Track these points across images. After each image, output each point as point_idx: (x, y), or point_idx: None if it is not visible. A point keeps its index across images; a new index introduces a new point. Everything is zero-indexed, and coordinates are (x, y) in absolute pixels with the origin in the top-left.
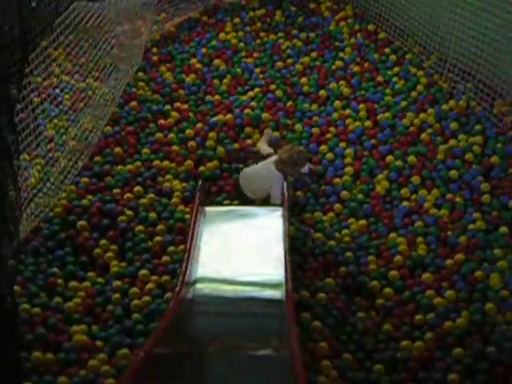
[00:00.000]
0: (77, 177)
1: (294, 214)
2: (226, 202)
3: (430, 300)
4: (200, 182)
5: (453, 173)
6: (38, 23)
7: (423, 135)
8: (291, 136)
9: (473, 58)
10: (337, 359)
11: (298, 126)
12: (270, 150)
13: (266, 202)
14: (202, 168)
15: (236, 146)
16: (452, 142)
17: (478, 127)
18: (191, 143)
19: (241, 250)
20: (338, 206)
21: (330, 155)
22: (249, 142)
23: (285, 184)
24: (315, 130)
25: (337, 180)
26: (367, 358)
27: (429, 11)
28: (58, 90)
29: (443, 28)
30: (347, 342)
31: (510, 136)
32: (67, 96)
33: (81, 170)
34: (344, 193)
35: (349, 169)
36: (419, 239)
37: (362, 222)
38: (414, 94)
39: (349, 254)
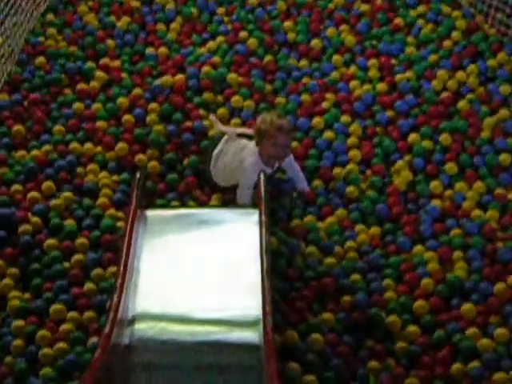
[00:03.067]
0: None
1: (277, 220)
2: (175, 203)
3: (473, 342)
4: (138, 175)
5: (504, 158)
6: None
7: (461, 103)
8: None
9: None
10: None
11: (281, 98)
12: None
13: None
14: (141, 156)
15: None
16: (502, 112)
17: None
18: (126, 118)
19: (199, 274)
20: (339, 207)
21: (327, 134)
22: (207, 115)
23: (262, 178)
24: (306, 98)
25: (337, 170)
26: None
27: None
28: None
29: None
30: None
31: None
32: None
33: None
34: (348, 189)
35: (354, 153)
36: (457, 254)
37: (374, 229)
38: (447, 43)
39: (355, 276)
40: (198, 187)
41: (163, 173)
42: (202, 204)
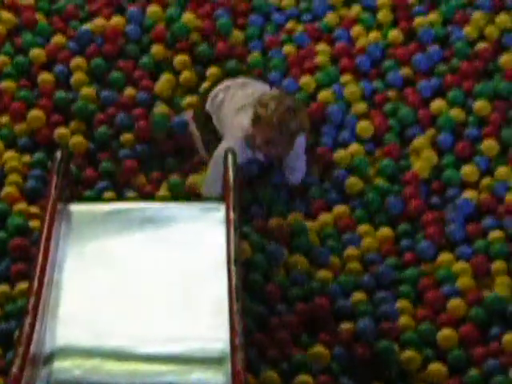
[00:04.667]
0: None
1: (251, 218)
2: (109, 194)
3: None
4: (59, 155)
5: None
6: None
7: (504, 58)
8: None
9: None
10: None
11: (256, 54)
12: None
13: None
14: (62, 129)
15: None
16: None
17: None
18: (42, 77)
19: (144, 292)
20: (337, 201)
21: (322, 98)
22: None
23: (229, 160)
24: (290, 50)
25: (338, 152)
26: None
27: None
28: None
29: None
30: None
31: None
32: None
33: None
34: (351, 176)
35: (360, 126)
36: (497, 265)
37: (385, 231)
38: None
39: (358, 294)
40: (140, 173)
41: (92, 153)
42: (147, 196)
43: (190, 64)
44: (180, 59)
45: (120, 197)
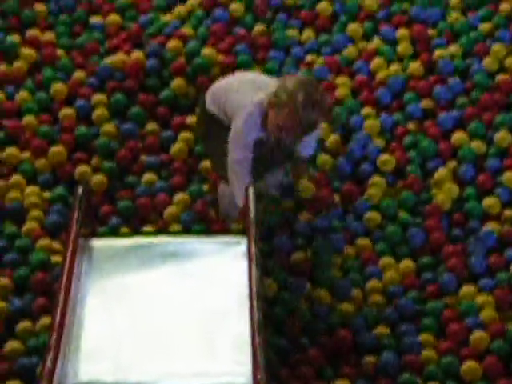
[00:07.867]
0: None
1: (273, 251)
2: (126, 230)
3: None
4: (80, 190)
5: None
6: None
7: None
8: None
9: None
10: None
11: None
12: None
13: None
14: (82, 166)
15: None
16: None
17: None
18: (64, 111)
19: (166, 328)
20: (359, 235)
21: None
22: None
23: (250, 194)
24: None
25: (360, 184)
26: None
27: None
28: None
29: None
30: None
31: None
32: None
33: None
34: (372, 210)
35: (382, 160)
36: None
37: (406, 263)
38: (504, 6)
39: (380, 328)
40: (153, 210)
41: (111, 190)
42: (167, 231)
43: None
44: None
45: (141, 232)
